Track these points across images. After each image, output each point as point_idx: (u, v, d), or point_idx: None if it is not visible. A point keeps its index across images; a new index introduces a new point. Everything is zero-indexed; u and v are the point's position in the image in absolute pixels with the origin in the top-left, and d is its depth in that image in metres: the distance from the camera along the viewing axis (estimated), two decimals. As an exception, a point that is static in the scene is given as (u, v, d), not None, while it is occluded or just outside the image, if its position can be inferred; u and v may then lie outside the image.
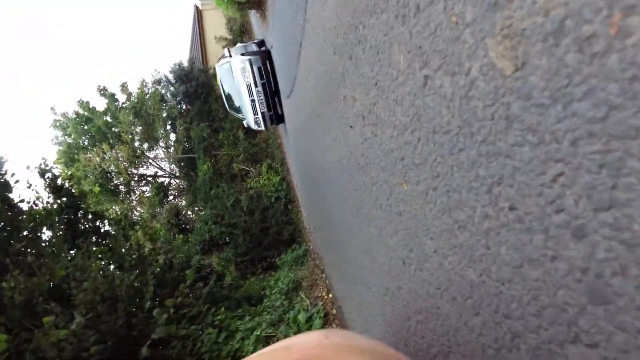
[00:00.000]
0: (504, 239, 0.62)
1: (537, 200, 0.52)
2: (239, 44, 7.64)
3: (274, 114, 7.44)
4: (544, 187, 0.51)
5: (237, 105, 7.91)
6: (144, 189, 14.92)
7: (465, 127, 0.69)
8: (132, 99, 14.29)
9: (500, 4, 0.56)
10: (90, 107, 14.84)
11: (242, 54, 7.26)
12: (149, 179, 15.10)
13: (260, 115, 7.56)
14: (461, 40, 0.67)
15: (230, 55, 7.48)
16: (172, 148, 14.67)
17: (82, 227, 6.31)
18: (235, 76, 7.37)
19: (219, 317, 4.94)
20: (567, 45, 0.45)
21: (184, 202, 14.89)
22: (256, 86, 7.21)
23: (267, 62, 7.15)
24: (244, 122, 8.18)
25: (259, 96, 7.32)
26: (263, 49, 7.67)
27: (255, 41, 8.30)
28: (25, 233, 4.93)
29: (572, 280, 0.48)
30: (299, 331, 4.26)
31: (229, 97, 8.20)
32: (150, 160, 14.97)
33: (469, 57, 0.65)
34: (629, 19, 0.38)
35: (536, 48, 0.50)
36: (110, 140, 14.12)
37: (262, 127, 7.79)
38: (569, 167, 0.46)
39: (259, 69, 7.07)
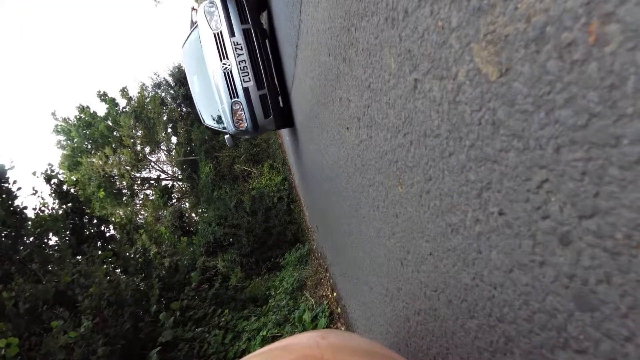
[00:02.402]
0: (494, 243, 0.62)
1: (524, 206, 0.52)
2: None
3: (272, 102, 4.10)
4: (530, 193, 0.51)
5: (215, 108, 4.47)
6: (147, 192, 15.03)
7: (454, 131, 0.69)
8: (133, 103, 14.37)
9: (483, 9, 0.56)
10: (91, 112, 14.94)
11: None
12: (152, 182, 15.20)
13: (242, 98, 3.98)
14: (448, 45, 0.67)
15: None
16: (174, 151, 14.75)
17: (87, 232, 6.37)
18: (202, 40, 4.04)
19: (224, 319, 4.97)
20: (548, 52, 0.45)
21: (187, 204, 14.98)
22: (232, 34, 3.82)
23: (259, 5, 4.07)
24: (226, 138, 4.86)
25: (238, 54, 3.84)
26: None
27: None
28: (31, 239, 4.99)
29: (560, 286, 0.48)
30: (304, 331, 4.28)
31: (199, 96, 4.83)
32: (152, 164, 15.06)
33: (456, 61, 0.65)
34: (607, 26, 0.38)
35: (519, 54, 0.49)
36: (113, 145, 14.21)
37: (247, 126, 4.16)
38: (553, 173, 0.46)
39: (240, 3, 3.92)
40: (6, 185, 4.92)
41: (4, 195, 4.79)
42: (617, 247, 0.39)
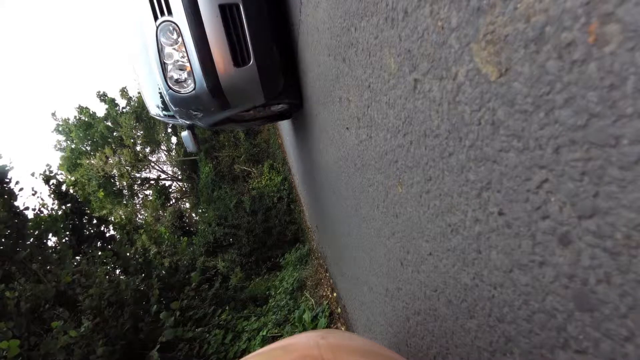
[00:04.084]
0: (494, 243, 0.62)
1: (524, 206, 0.52)
2: None
3: (252, 32, 2.14)
4: (530, 193, 0.51)
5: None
6: (147, 192, 15.03)
7: (454, 131, 0.69)
8: (133, 103, 14.37)
9: (483, 9, 0.56)
10: (91, 112, 14.94)
11: None
12: (152, 182, 15.20)
13: (179, 13, 1.83)
14: (447, 45, 0.67)
15: None
16: (174, 151, 14.74)
17: (87, 233, 6.37)
18: None
19: (224, 319, 4.98)
20: (547, 52, 0.45)
21: (187, 204, 14.99)
22: None
23: None
24: (183, 136, 3.13)
25: None
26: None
27: None
28: (31, 240, 4.99)
29: (559, 286, 0.48)
30: (304, 331, 4.28)
31: (142, 72, 2.64)
32: (152, 164, 15.06)
33: (456, 61, 0.65)
34: (606, 26, 0.38)
35: (518, 54, 0.49)
36: (113, 145, 14.21)
37: (194, 87, 1.99)
38: (553, 174, 0.46)
39: None
40: (9, 186, 4.93)
41: (5, 196, 4.80)
42: (616, 247, 0.39)
